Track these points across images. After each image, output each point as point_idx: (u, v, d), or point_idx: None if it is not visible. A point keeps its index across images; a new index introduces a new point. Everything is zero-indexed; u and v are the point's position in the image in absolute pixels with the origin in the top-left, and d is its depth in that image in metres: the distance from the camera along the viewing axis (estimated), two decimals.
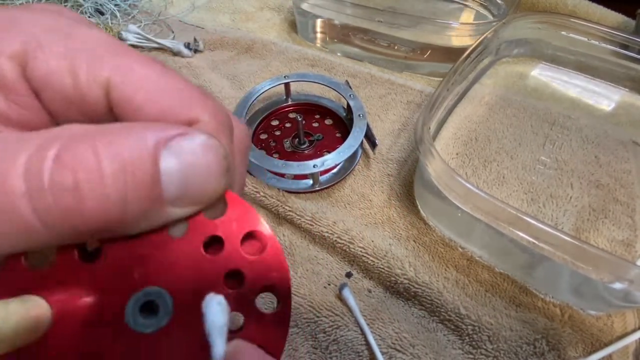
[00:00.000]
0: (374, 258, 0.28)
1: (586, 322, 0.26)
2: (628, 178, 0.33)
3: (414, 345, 0.25)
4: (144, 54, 0.12)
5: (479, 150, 0.36)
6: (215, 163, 0.11)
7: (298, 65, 0.46)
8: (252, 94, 0.36)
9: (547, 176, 0.34)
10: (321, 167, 0.30)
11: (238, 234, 0.12)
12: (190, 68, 0.45)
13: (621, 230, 0.30)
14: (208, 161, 0.10)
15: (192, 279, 0.12)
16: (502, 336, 0.25)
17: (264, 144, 0.37)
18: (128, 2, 0.56)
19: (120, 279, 0.11)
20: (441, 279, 0.28)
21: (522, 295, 0.28)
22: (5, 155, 0.09)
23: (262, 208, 0.32)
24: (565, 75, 0.42)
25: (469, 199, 0.24)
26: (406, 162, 0.35)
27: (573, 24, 0.39)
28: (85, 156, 0.09)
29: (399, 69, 0.46)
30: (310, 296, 0.27)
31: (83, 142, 0.09)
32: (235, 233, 0.12)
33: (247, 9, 0.57)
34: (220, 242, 0.12)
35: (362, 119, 0.34)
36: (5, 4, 0.51)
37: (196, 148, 0.10)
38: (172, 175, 0.10)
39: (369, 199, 0.33)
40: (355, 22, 0.45)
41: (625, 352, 0.25)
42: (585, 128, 0.37)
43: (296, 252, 0.30)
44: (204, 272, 0.12)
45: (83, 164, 0.09)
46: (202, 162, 0.10)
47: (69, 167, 0.09)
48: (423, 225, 0.31)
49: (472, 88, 0.41)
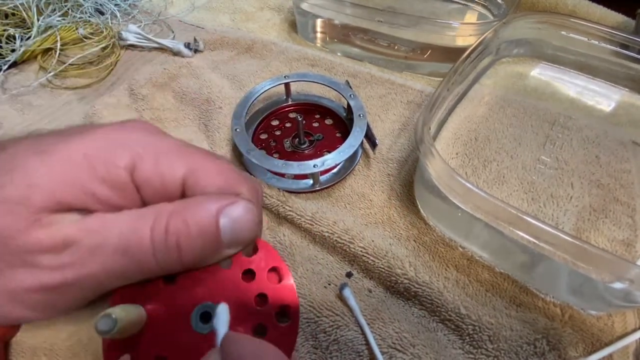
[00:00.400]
0: (374, 258, 0.28)
1: (586, 322, 0.26)
2: (628, 178, 0.33)
3: (415, 345, 0.25)
4: (203, 149, 0.18)
5: (479, 150, 0.36)
6: (252, 220, 0.17)
7: (298, 65, 0.46)
8: (252, 94, 0.36)
9: (547, 176, 0.34)
10: (321, 167, 0.30)
11: (265, 268, 0.18)
12: (190, 68, 0.45)
13: (621, 230, 0.30)
14: (247, 219, 0.17)
15: (234, 297, 0.17)
16: (502, 336, 0.25)
17: (264, 144, 0.37)
18: (128, 2, 0.56)
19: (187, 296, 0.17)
20: (441, 278, 0.28)
21: (522, 295, 0.28)
22: (138, 226, 0.15)
23: (263, 208, 0.32)
24: (565, 75, 0.42)
25: (469, 199, 0.24)
26: (406, 162, 0.35)
27: (573, 24, 0.39)
28: (180, 227, 0.15)
29: (399, 69, 0.46)
30: (310, 296, 0.27)
31: (178, 217, 0.15)
32: (263, 267, 0.18)
33: (247, 9, 0.57)
34: (252, 273, 0.18)
35: (362, 118, 0.34)
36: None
37: (241, 211, 0.16)
38: (226, 229, 0.16)
39: (369, 198, 0.33)
40: (355, 22, 0.45)
41: (625, 352, 0.25)
42: (585, 128, 0.37)
43: (296, 252, 0.30)
44: (241, 293, 0.18)
45: (181, 231, 0.15)
46: (244, 219, 0.16)
47: (173, 234, 0.15)
48: (423, 225, 0.31)
49: (472, 88, 0.41)
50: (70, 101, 0.43)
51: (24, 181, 0.14)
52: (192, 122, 0.40)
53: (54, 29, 0.47)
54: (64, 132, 0.17)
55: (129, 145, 0.16)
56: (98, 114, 0.39)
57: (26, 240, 0.14)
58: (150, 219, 0.15)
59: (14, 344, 0.26)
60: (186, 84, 0.43)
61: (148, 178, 0.16)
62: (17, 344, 0.26)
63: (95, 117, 0.39)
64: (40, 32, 0.47)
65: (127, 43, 0.49)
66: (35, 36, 0.46)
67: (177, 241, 0.15)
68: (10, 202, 0.14)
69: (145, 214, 0.16)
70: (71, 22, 0.49)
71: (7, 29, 0.46)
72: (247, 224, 0.17)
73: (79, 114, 0.41)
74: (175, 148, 0.17)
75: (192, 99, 0.41)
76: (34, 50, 0.45)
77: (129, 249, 0.15)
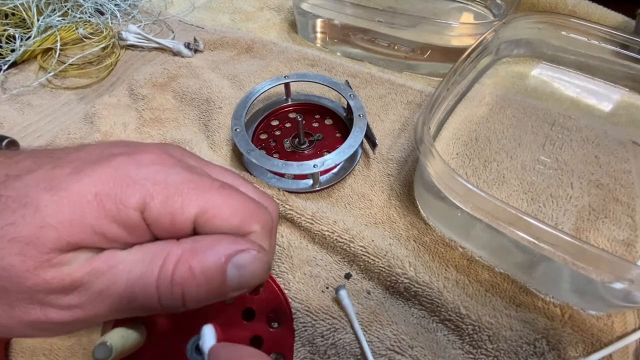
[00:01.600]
0: (374, 257, 0.28)
1: (586, 322, 0.26)
2: (628, 178, 0.33)
3: (413, 347, 0.25)
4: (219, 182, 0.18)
5: (479, 151, 0.36)
6: (260, 268, 0.17)
7: (298, 65, 0.46)
8: (252, 94, 0.36)
9: (547, 176, 0.34)
10: (321, 167, 0.30)
11: (265, 309, 0.19)
12: (190, 68, 0.45)
13: (621, 230, 0.30)
14: (256, 267, 0.17)
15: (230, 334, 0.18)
16: (502, 336, 0.25)
17: (264, 144, 0.37)
18: (128, 2, 0.56)
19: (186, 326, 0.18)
20: (441, 278, 0.28)
21: (522, 295, 0.28)
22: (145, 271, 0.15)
23: None
24: (565, 75, 0.42)
25: (469, 199, 0.24)
26: (406, 162, 0.35)
27: (573, 24, 0.39)
28: (187, 276, 0.15)
29: (399, 69, 0.46)
30: (307, 301, 0.27)
31: (184, 264, 0.16)
32: (263, 309, 0.19)
33: (247, 9, 0.57)
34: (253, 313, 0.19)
35: (362, 119, 0.34)
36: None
37: (250, 259, 0.16)
38: (233, 277, 0.16)
39: (369, 198, 0.33)
40: (355, 22, 0.45)
41: (625, 352, 0.25)
42: (585, 128, 0.37)
43: (294, 254, 0.30)
44: (237, 330, 0.18)
45: (186, 281, 0.16)
46: (252, 268, 0.17)
47: (179, 285, 0.16)
48: (423, 225, 0.31)
49: (472, 88, 0.41)
50: (70, 101, 0.43)
51: (35, 220, 0.14)
52: (192, 122, 0.40)
53: (54, 29, 0.47)
54: (79, 158, 0.16)
55: (140, 182, 0.16)
56: (98, 114, 0.39)
57: (35, 281, 0.14)
58: (157, 265, 0.15)
59: (14, 344, 0.26)
60: (186, 84, 0.43)
61: (158, 218, 0.16)
62: (17, 344, 0.26)
63: (95, 117, 0.39)
64: (40, 32, 0.47)
65: (127, 43, 0.49)
66: (35, 36, 0.46)
67: (182, 291, 0.16)
68: (21, 241, 0.14)
69: (152, 258, 0.16)
70: (71, 22, 0.49)
71: (7, 29, 0.46)
72: (255, 272, 0.17)
73: (78, 114, 0.41)
74: (189, 184, 0.17)
75: (192, 99, 0.41)
76: (34, 50, 0.45)
77: (135, 295, 0.15)
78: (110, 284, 0.15)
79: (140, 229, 0.16)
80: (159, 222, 0.16)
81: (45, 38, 0.46)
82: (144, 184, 0.16)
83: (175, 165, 0.17)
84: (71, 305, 0.15)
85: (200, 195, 0.17)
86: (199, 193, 0.17)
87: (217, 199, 0.17)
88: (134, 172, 0.16)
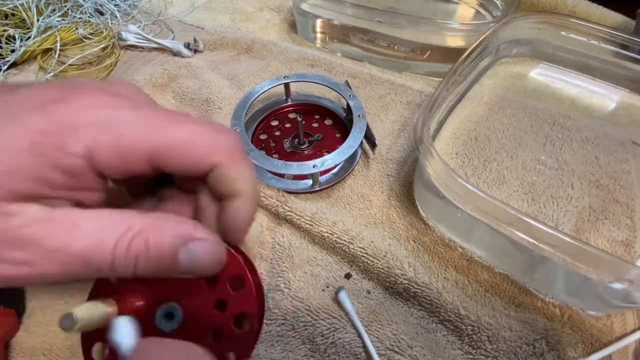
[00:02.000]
0: (374, 258, 0.28)
1: (586, 322, 0.26)
2: (628, 179, 0.33)
3: (412, 347, 0.25)
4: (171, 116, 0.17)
5: (479, 151, 0.35)
6: (210, 262, 0.17)
7: (298, 66, 0.46)
8: (251, 94, 0.36)
9: (547, 176, 0.34)
10: (321, 167, 0.30)
11: (227, 276, 0.19)
12: (190, 68, 0.45)
13: (621, 231, 0.30)
14: (206, 260, 0.17)
15: (196, 301, 0.19)
16: (501, 336, 0.25)
17: (263, 144, 0.37)
18: (128, 2, 0.56)
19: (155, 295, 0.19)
20: (441, 279, 0.28)
21: (521, 295, 0.28)
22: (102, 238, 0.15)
23: (262, 208, 0.32)
24: (565, 75, 0.42)
25: (469, 199, 0.24)
26: (406, 162, 0.35)
27: (573, 24, 0.39)
28: (142, 248, 0.16)
29: (398, 69, 0.46)
30: (308, 300, 0.27)
31: (141, 237, 0.16)
32: (226, 276, 0.19)
33: (247, 9, 0.57)
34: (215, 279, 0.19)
35: (361, 119, 0.34)
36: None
37: (202, 250, 0.17)
38: (184, 262, 0.17)
39: (368, 199, 0.33)
40: (355, 22, 0.45)
41: (624, 353, 0.25)
42: (585, 128, 0.37)
43: (295, 253, 0.30)
44: (203, 297, 0.19)
45: (141, 252, 0.16)
46: (202, 259, 0.17)
47: (133, 254, 0.16)
48: (423, 226, 0.31)
49: (472, 88, 0.41)
50: None
51: None
52: None
53: (54, 29, 0.47)
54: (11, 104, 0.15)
55: (84, 129, 0.15)
56: None
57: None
58: (116, 234, 0.15)
59: (14, 343, 0.26)
60: (186, 84, 0.43)
61: (107, 163, 0.16)
62: (16, 344, 0.26)
63: None
64: (40, 33, 0.47)
65: (127, 43, 0.49)
66: (35, 36, 0.46)
67: (135, 260, 0.16)
68: None
69: (112, 226, 0.16)
70: (71, 22, 0.49)
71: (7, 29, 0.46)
72: (205, 263, 0.17)
73: None
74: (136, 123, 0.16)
75: (192, 99, 0.41)
76: (34, 51, 0.45)
77: (89, 259, 0.15)
78: (64, 245, 0.15)
79: (87, 176, 0.16)
80: (111, 168, 0.16)
81: (45, 38, 0.46)
82: (89, 131, 0.15)
83: (119, 106, 0.16)
84: (18, 261, 0.14)
85: (152, 133, 0.16)
86: (150, 131, 0.16)
87: (170, 133, 0.16)
88: (77, 119, 0.15)
